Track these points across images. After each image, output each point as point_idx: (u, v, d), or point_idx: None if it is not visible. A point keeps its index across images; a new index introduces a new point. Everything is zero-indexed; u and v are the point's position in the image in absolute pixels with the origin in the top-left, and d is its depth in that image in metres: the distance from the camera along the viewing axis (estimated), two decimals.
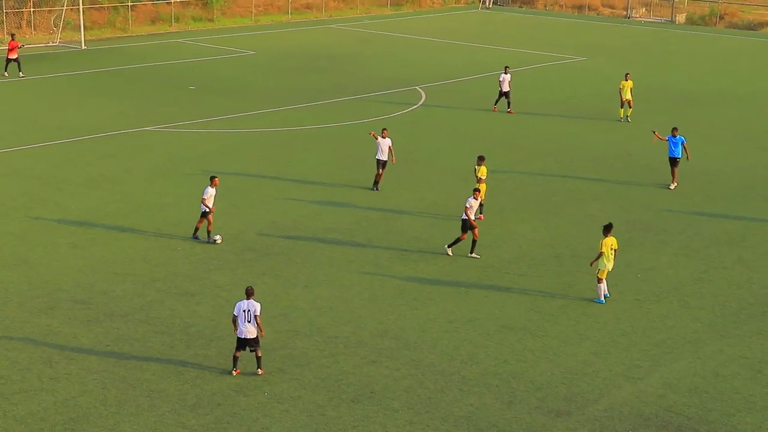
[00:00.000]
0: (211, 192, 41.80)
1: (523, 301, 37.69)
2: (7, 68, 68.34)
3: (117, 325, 34.90)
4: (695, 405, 30.69)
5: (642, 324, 36.15)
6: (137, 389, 30.63)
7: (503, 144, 58.87)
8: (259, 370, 31.17)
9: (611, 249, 34.70)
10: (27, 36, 79.05)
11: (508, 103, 66.76)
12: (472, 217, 41.77)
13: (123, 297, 37.34)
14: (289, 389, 30.48)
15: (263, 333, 31.13)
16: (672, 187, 51.77)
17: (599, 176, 54.08)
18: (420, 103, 66.87)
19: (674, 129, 50.98)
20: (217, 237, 39.31)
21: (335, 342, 34.01)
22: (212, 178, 42.25)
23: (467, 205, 41.63)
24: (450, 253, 42.19)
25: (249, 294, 30.97)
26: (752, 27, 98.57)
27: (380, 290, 38.42)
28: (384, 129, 49.97)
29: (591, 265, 33.52)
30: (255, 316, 30.60)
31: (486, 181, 45.53)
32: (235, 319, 30.89)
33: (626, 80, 65.91)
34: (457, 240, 42.05)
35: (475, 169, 46.33)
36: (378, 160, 49.79)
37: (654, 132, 49.13)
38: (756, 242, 45.10)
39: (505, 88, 66.38)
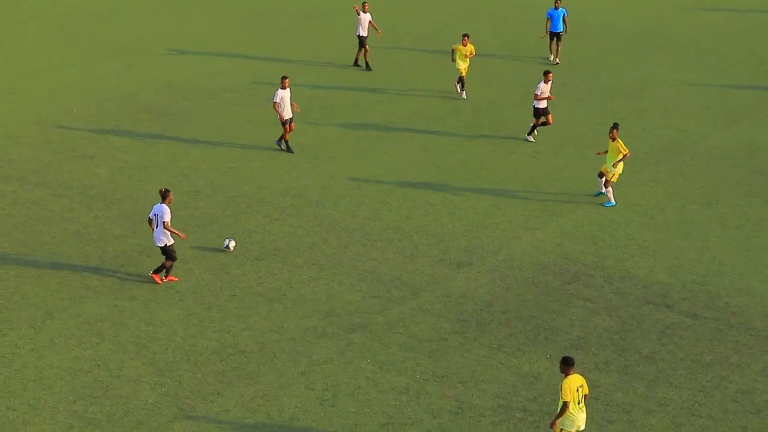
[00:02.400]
0: (281, 94, 38.54)
1: (423, 157, 37.97)
2: None
3: (12, 188, 35.05)
4: (591, 252, 32.29)
5: (540, 176, 36.78)
6: (38, 252, 30.75)
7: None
8: (154, 275, 29.85)
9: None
10: None
11: None
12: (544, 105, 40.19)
13: (18, 160, 37.31)
14: (192, 248, 30.46)
15: (183, 236, 29.36)
16: (551, 58, 50.47)
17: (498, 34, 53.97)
18: None
19: (556, 1, 49.62)
20: (230, 242, 32.29)
21: (237, 202, 34.51)
22: (283, 78, 38.85)
23: (537, 92, 39.95)
24: (531, 139, 40.80)
25: (162, 197, 28.93)
26: None
27: (280, 150, 38.31)
28: (365, 2, 48.61)
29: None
30: (163, 221, 28.76)
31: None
32: (150, 222, 29.39)
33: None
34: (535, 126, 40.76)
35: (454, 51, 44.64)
36: (359, 36, 48.20)
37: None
38: (651, 94, 45.77)
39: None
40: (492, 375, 25.87)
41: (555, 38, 49.22)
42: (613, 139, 33.90)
